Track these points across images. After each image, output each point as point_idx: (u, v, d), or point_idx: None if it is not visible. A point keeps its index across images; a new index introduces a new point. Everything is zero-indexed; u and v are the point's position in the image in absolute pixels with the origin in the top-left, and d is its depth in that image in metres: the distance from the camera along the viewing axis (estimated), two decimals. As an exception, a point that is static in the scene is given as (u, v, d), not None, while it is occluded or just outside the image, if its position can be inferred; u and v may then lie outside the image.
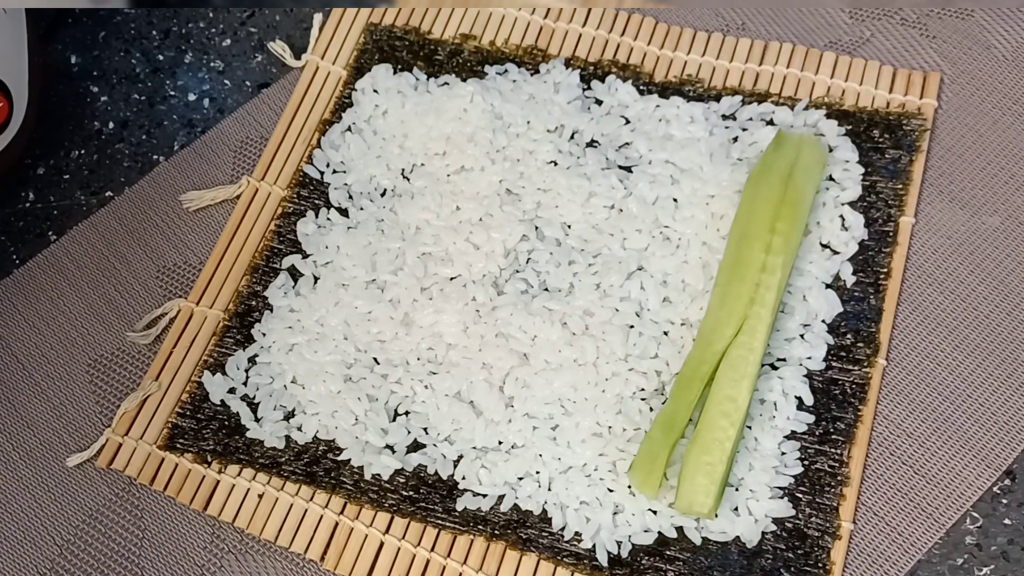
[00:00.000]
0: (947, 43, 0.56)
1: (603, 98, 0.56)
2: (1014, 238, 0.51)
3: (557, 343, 0.49)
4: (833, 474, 0.47)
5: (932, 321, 0.50)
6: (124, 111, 0.61)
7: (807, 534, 0.46)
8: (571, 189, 0.53)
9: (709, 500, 0.44)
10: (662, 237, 0.52)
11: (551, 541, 0.46)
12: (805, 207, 0.49)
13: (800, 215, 0.49)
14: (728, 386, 0.45)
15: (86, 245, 0.57)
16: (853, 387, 0.48)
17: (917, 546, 0.46)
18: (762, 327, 0.46)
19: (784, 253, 0.48)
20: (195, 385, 0.52)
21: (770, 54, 0.57)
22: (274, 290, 0.53)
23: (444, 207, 0.53)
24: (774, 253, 0.48)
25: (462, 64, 0.58)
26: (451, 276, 0.52)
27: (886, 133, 0.53)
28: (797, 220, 0.48)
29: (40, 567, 0.49)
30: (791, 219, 0.48)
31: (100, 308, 0.55)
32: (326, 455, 0.49)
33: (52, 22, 0.63)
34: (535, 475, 0.47)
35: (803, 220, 0.49)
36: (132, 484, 0.51)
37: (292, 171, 0.57)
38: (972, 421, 0.48)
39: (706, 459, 0.44)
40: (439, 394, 0.49)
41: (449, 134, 0.55)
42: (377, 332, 0.51)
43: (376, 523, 0.48)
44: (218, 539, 0.49)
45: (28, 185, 0.59)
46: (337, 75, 0.59)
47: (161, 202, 0.57)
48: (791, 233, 0.48)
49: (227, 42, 0.63)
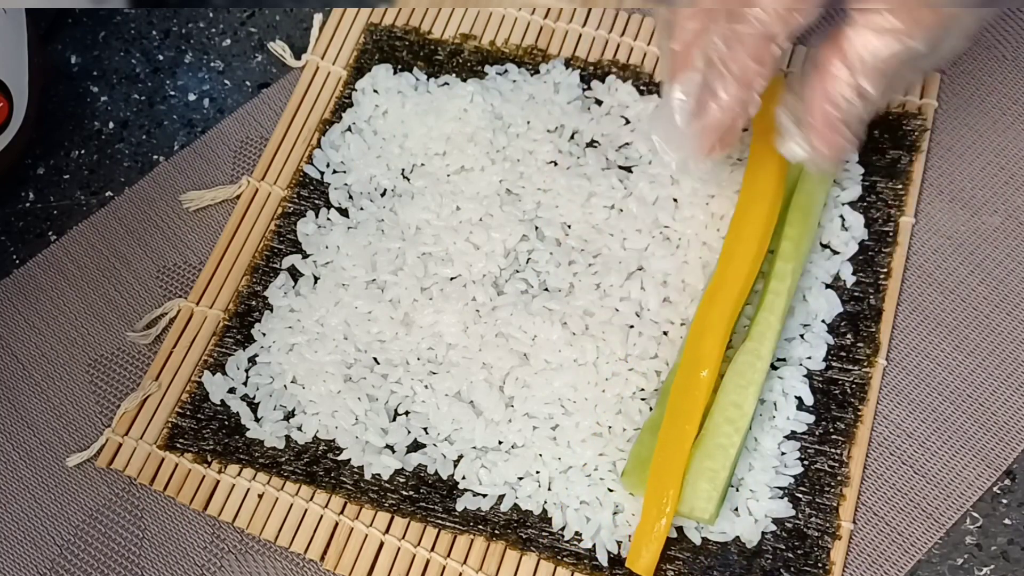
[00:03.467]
0: (947, 43, 0.56)
1: (603, 98, 0.56)
2: (1014, 238, 0.51)
3: (557, 343, 0.49)
4: (833, 474, 0.47)
5: (932, 321, 0.50)
6: (124, 111, 0.61)
7: (807, 534, 0.46)
8: (571, 189, 0.53)
9: (711, 506, 0.44)
10: (662, 237, 0.52)
11: (551, 541, 0.46)
12: (816, 213, 0.49)
13: (811, 221, 0.49)
14: (734, 392, 0.45)
15: (86, 245, 0.57)
16: (853, 387, 0.48)
17: (917, 546, 0.46)
18: (771, 334, 0.46)
19: (794, 259, 0.47)
20: (195, 385, 0.52)
21: (770, 54, 0.57)
22: (274, 290, 0.53)
23: (444, 207, 0.53)
24: (784, 259, 0.47)
25: (462, 64, 0.58)
26: (451, 276, 0.52)
27: (886, 133, 0.53)
28: (808, 226, 0.48)
29: (40, 567, 0.49)
30: (801, 225, 0.48)
31: (100, 308, 0.55)
32: (326, 455, 0.49)
33: (52, 22, 0.63)
34: (535, 475, 0.47)
35: (814, 225, 0.49)
36: (132, 484, 0.51)
37: (292, 171, 0.57)
38: (972, 421, 0.48)
39: (709, 464, 0.44)
40: (439, 394, 0.49)
41: (449, 134, 0.55)
42: (377, 332, 0.51)
43: (376, 523, 0.48)
44: (218, 539, 0.49)
45: (28, 185, 0.59)
46: (337, 75, 0.59)
47: (161, 202, 0.57)
48: (801, 239, 0.48)
49: (227, 42, 0.63)
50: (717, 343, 0.45)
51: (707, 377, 0.45)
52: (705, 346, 0.45)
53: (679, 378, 0.45)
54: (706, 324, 0.46)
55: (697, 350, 0.45)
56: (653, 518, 0.43)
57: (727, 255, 0.47)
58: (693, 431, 0.44)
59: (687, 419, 0.44)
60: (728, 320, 0.46)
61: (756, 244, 0.47)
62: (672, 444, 0.44)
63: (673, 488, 0.43)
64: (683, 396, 0.45)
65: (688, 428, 0.44)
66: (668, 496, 0.43)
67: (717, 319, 0.46)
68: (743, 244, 0.47)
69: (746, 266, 0.47)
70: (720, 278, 0.47)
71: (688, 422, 0.44)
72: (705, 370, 0.45)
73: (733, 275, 0.47)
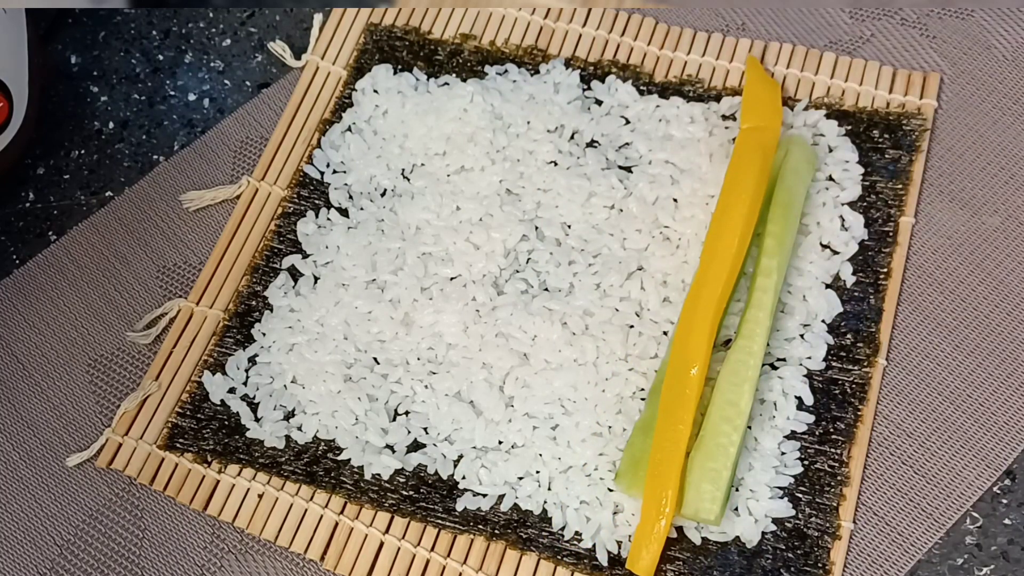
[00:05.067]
0: (947, 43, 0.56)
1: (603, 98, 0.56)
2: (1014, 238, 0.51)
3: (557, 343, 0.49)
4: (833, 474, 0.47)
5: (932, 321, 0.50)
6: (124, 111, 0.61)
7: (807, 534, 0.46)
8: (571, 189, 0.53)
9: (715, 507, 0.44)
10: (662, 237, 0.52)
11: (551, 541, 0.46)
12: (797, 208, 0.49)
13: (792, 216, 0.49)
14: (729, 391, 0.45)
15: (86, 245, 0.57)
16: (853, 387, 0.48)
17: (917, 546, 0.46)
18: (761, 330, 0.46)
19: (778, 255, 0.48)
20: (195, 385, 0.52)
21: (770, 54, 0.57)
22: (274, 290, 0.53)
23: (444, 207, 0.53)
24: (768, 255, 0.48)
25: (462, 64, 0.58)
26: (451, 276, 0.52)
27: (886, 133, 0.53)
28: (789, 221, 0.49)
29: (40, 567, 0.49)
30: (783, 220, 0.48)
31: (100, 308, 0.55)
32: (326, 455, 0.49)
33: (52, 22, 0.63)
34: (535, 475, 0.47)
35: (795, 221, 0.49)
36: (132, 484, 0.51)
37: (292, 171, 0.57)
38: (972, 421, 0.48)
39: (711, 465, 0.44)
40: (439, 394, 0.49)
41: (449, 134, 0.55)
42: (377, 332, 0.51)
43: (376, 523, 0.48)
44: (218, 539, 0.49)
45: (28, 185, 0.59)
46: (337, 75, 0.59)
47: (161, 202, 0.57)
48: (784, 235, 0.48)
49: (227, 42, 0.63)
50: (704, 340, 0.45)
51: (697, 375, 0.45)
52: (692, 344, 0.45)
53: (669, 378, 0.45)
54: (692, 322, 0.46)
55: (685, 349, 0.45)
56: (652, 519, 0.43)
57: (709, 252, 0.48)
58: (687, 430, 0.44)
59: (680, 418, 0.44)
60: (713, 316, 0.46)
61: (737, 240, 0.47)
62: (668, 444, 0.44)
63: (672, 488, 0.43)
64: (674, 396, 0.45)
65: (682, 428, 0.44)
66: (667, 496, 0.43)
67: (702, 316, 0.46)
68: (724, 240, 0.47)
69: (728, 262, 0.47)
70: (703, 275, 0.47)
71: (681, 421, 0.44)
72: (694, 368, 0.45)
73: (716, 272, 0.47)
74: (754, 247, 0.49)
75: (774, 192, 0.49)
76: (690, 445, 0.45)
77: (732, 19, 0.59)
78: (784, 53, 0.57)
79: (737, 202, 0.48)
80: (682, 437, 0.44)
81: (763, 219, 0.49)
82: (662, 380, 0.46)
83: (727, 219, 0.48)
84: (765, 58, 0.57)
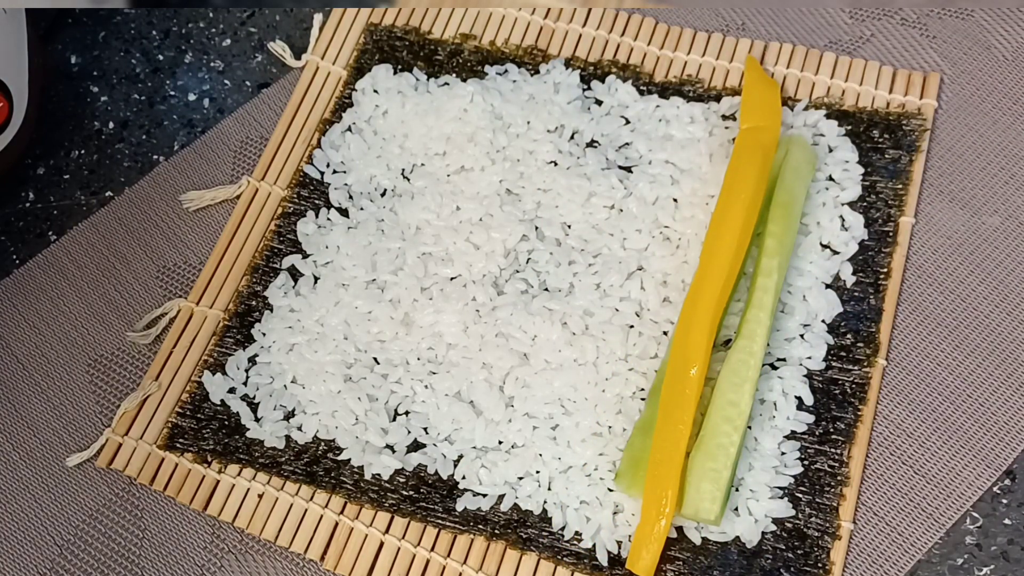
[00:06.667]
0: (947, 43, 0.56)
1: (603, 98, 0.56)
2: (1014, 238, 0.51)
3: (557, 343, 0.49)
4: (833, 474, 0.47)
5: (932, 321, 0.50)
6: (124, 111, 0.61)
7: (807, 534, 0.46)
8: (571, 189, 0.53)
9: (715, 507, 0.44)
10: (662, 237, 0.52)
11: (551, 541, 0.46)
12: (797, 208, 0.49)
13: (792, 216, 0.49)
14: (730, 391, 0.45)
15: (86, 245, 0.57)
16: (853, 387, 0.48)
17: (917, 546, 0.46)
18: (761, 330, 0.46)
19: (779, 255, 0.48)
20: (195, 385, 0.52)
21: (770, 54, 0.57)
22: (274, 290, 0.53)
23: (444, 207, 0.53)
24: (768, 255, 0.48)
25: (462, 64, 0.58)
26: (451, 276, 0.52)
27: (886, 133, 0.53)
28: (790, 221, 0.49)
29: (40, 567, 0.49)
30: (783, 220, 0.48)
31: (100, 308, 0.55)
32: (326, 455, 0.49)
33: (52, 22, 0.63)
34: (535, 475, 0.47)
35: (795, 221, 0.49)
36: (132, 484, 0.51)
37: (292, 171, 0.57)
38: (972, 421, 0.48)
39: (711, 465, 0.44)
40: (439, 394, 0.49)
41: (449, 134, 0.55)
42: (377, 332, 0.51)
43: (376, 523, 0.48)
44: (218, 539, 0.49)
45: (28, 185, 0.59)
46: (337, 75, 0.59)
47: (161, 202, 0.57)
48: (784, 235, 0.48)
49: (227, 42, 0.63)
50: (704, 339, 0.45)
51: (696, 375, 0.45)
52: (692, 343, 0.45)
53: (669, 378, 0.45)
54: (692, 322, 0.46)
55: (684, 348, 0.45)
56: (652, 519, 0.43)
57: (709, 252, 0.48)
58: (687, 430, 0.44)
59: (680, 418, 0.44)
60: (712, 316, 0.46)
61: (736, 240, 0.47)
62: (668, 444, 0.44)
63: (671, 488, 0.43)
64: (674, 395, 0.45)
65: (682, 427, 0.44)
66: (667, 496, 0.43)
67: (702, 315, 0.46)
68: (724, 240, 0.47)
69: (728, 262, 0.47)
70: (703, 275, 0.47)
71: (681, 421, 0.44)
72: (694, 367, 0.45)
73: (715, 272, 0.47)
74: (754, 247, 0.49)
75: (774, 192, 0.49)
76: (690, 445, 0.45)
77: (732, 19, 0.59)
78: (784, 53, 0.57)
79: (737, 202, 0.48)
80: (682, 437, 0.44)
81: (763, 219, 0.49)
82: (662, 380, 0.46)
83: (727, 219, 0.48)
84: (765, 58, 0.57)
